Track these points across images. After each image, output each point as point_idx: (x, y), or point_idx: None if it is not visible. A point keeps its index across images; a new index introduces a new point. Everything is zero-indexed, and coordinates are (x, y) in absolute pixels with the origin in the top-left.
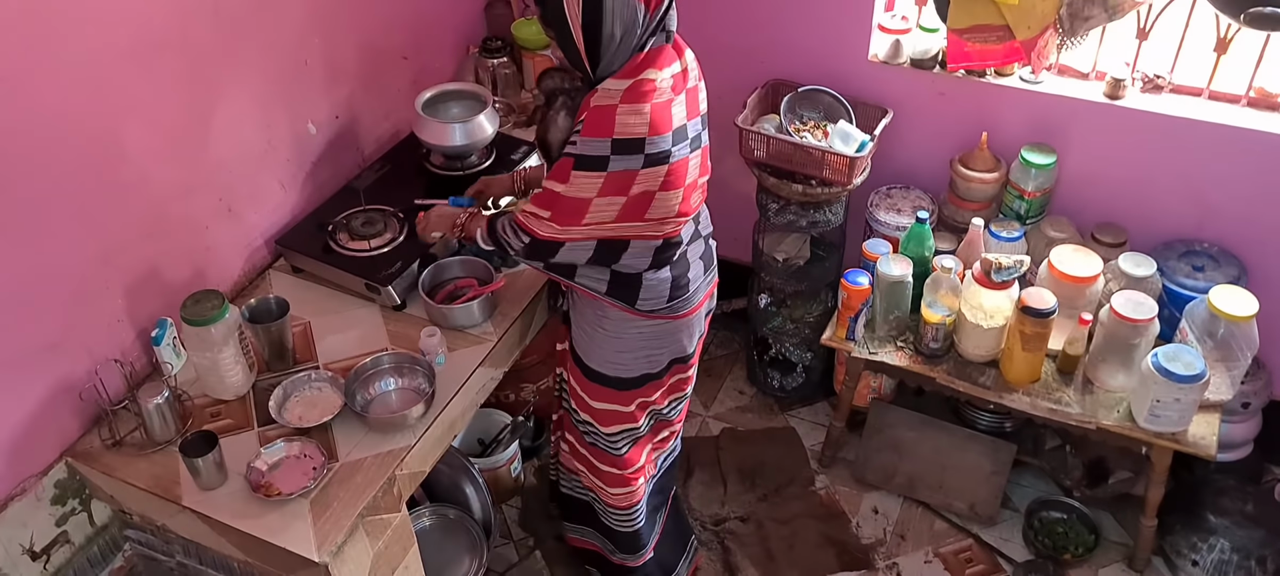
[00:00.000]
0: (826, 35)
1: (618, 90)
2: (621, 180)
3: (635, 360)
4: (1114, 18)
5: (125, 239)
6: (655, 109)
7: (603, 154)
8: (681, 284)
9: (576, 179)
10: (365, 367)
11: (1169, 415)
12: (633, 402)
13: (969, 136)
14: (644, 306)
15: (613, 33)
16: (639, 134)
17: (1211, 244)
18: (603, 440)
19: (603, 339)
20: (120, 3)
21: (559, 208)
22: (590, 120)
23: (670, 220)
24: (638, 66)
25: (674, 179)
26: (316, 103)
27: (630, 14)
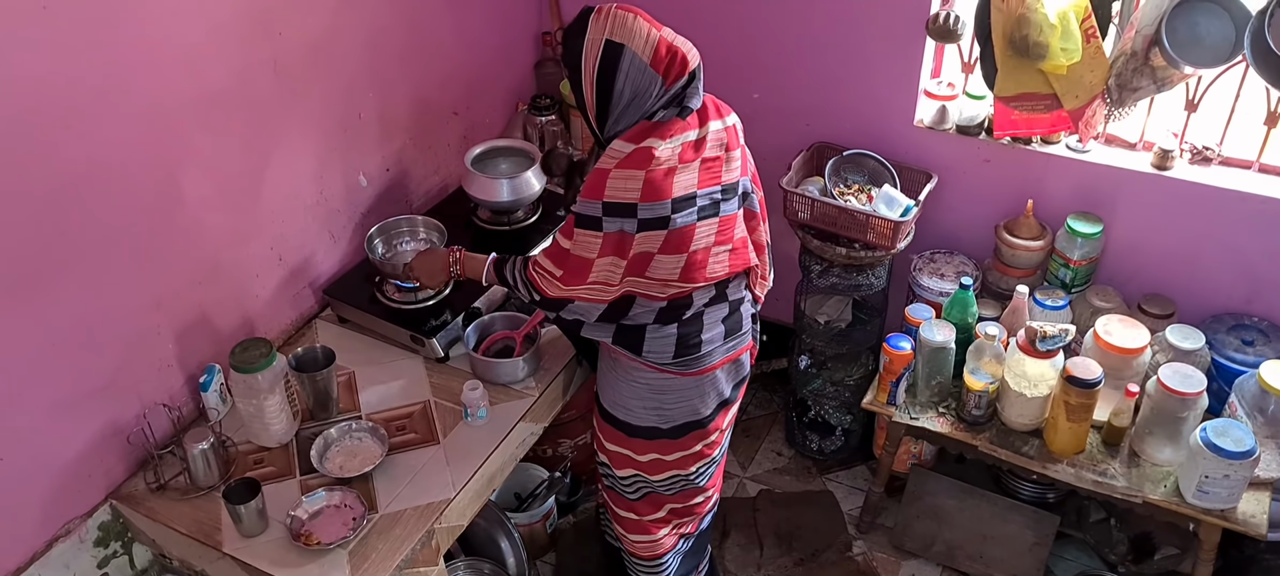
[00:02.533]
0: (872, 100)
1: (618, 154)
2: (619, 242)
3: (644, 410)
4: (1162, 89)
5: (178, 285)
6: (652, 176)
7: (595, 215)
8: (690, 343)
9: (579, 237)
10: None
11: (1218, 491)
12: (645, 453)
13: (1014, 203)
14: (650, 358)
15: (622, 92)
16: (629, 199)
17: (1261, 318)
18: (617, 483)
19: (615, 381)
20: (186, 56)
21: (568, 265)
22: (588, 181)
23: (674, 282)
24: (642, 132)
25: (676, 243)
26: (369, 155)
27: (644, 82)
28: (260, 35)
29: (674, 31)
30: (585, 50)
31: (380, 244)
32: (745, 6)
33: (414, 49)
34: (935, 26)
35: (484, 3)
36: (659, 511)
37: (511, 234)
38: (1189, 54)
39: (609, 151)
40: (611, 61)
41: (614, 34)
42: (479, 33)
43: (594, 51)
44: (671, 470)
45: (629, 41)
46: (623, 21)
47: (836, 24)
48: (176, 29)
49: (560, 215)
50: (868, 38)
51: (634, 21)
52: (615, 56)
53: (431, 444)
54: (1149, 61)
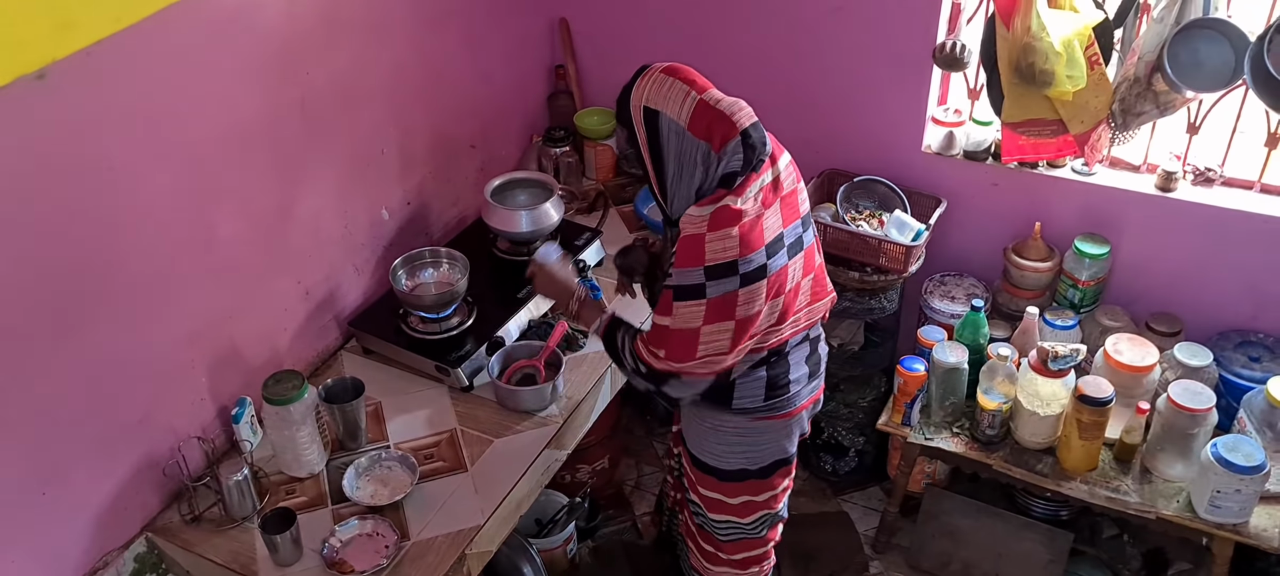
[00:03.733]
0: (882, 127)
1: (703, 217)
2: (724, 304)
3: (733, 454)
4: (1165, 113)
5: (211, 320)
6: (743, 229)
7: (698, 282)
8: (780, 385)
9: (679, 310)
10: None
11: (1230, 506)
12: (737, 496)
13: (1022, 226)
14: (739, 406)
15: (670, 159)
16: (730, 258)
17: (1267, 334)
18: (711, 524)
19: (703, 431)
20: (219, 99)
21: (671, 343)
22: (681, 251)
23: (774, 330)
24: (718, 195)
25: (775, 289)
26: (390, 189)
27: (686, 148)
28: (289, 76)
29: (721, 91)
30: (632, 114)
31: (404, 276)
32: (756, 37)
33: (432, 85)
34: (942, 55)
35: (498, 38)
36: (743, 554)
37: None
38: (1190, 79)
39: (689, 218)
40: (653, 127)
41: (650, 100)
42: (494, 68)
43: (638, 117)
44: (761, 510)
45: (664, 107)
46: (660, 85)
47: (845, 54)
48: (211, 74)
49: (577, 244)
50: (876, 67)
51: (671, 85)
52: (654, 122)
53: (460, 471)
54: (1151, 86)
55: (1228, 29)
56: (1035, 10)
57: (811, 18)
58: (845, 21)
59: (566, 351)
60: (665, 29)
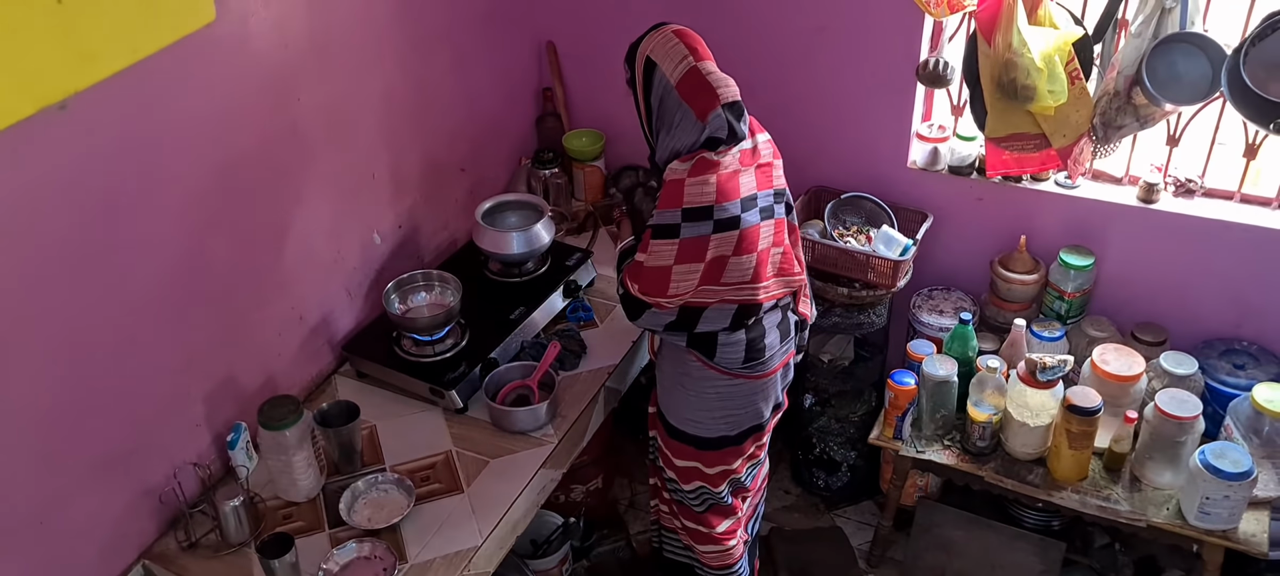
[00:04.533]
0: (867, 144)
1: (685, 167)
2: (695, 246)
3: (714, 421)
4: (1145, 126)
5: (206, 348)
6: (721, 178)
7: (674, 222)
8: (757, 348)
9: (654, 248)
10: None
11: (1219, 512)
12: (714, 465)
13: (1008, 239)
14: (722, 363)
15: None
16: (706, 202)
17: (1251, 342)
18: (683, 496)
19: (683, 397)
20: (214, 127)
21: (644, 277)
22: (663, 194)
23: (746, 286)
24: (701, 153)
25: (746, 244)
26: (382, 214)
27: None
28: (281, 102)
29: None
30: (636, 63)
31: (397, 299)
32: (742, 56)
33: (422, 110)
34: (925, 72)
35: (486, 62)
36: (722, 525)
37: (523, 285)
38: (1169, 92)
39: (671, 170)
40: (649, 77)
41: (653, 52)
42: (483, 91)
43: (640, 65)
44: (732, 476)
45: (661, 62)
46: (664, 42)
47: (830, 72)
48: (206, 101)
49: (569, 265)
50: (860, 85)
51: (674, 46)
52: (650, 73)
53: (456, 493)
54: (1131, 100)
55: (1204, 43)
56: (1016, 27)
57: (796, 37)
58: (829, 40)
59: (560, 371)
60: None
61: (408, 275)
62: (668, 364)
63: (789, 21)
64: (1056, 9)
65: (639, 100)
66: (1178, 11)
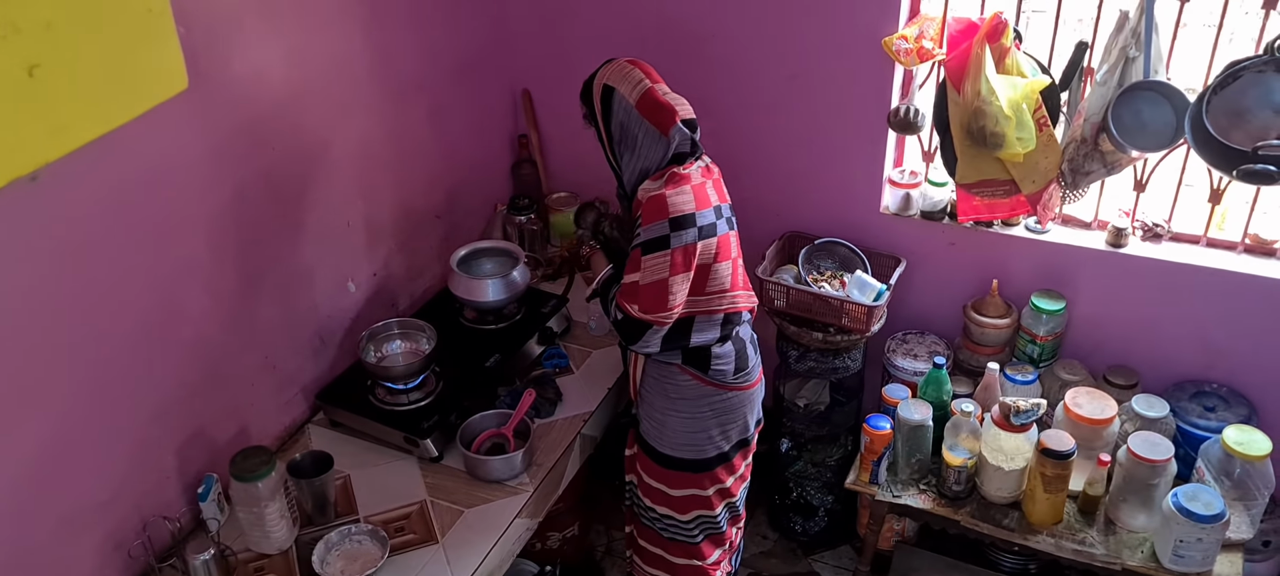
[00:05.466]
0: (840, 190)
1: (659, 184)
2: (686, 255)
3: (709, 438)
4: (1113, 172)
5: (177, 398)
6: (694, 189)
7: (664, 233)
8: (744, 357)
9: (647, 263)
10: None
11: (1193, 555)
12: (710, 487)
13: (980, 284)
14: (716, 370)
15: (617, 131)
16: (690, 209)
17: (1221, 385)
18: (681, 531)
19: (678, 421)
20: (187, 176)
21: (642, 296)
22: (646, 210)
23: (727, 294)
24: (669, 169)
25: (722, 252)
26: (357, 262)
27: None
28: (254, 151)
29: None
30: (594, 92)
31: (371, 347)
32: (714, 103)
33: (398, 159)
34: (896, 120)
35: (462, 111)
36: (714, 554)
37: (499, 333)
38: (1134, 139)
39: (645, 189)
40: (607, 102)
41: (610, 78)
42: (458, 139)
43: (598, 93)
44: (728, 499)
45: (619, 86)
46: (618, 69)
47: (803, 119)
48: (178, 150)
49: (545, 311)
50: (833, 131)
51: (629, 71)
52: (609, 99)
53: (431, 543)
54: (1098, 147)
55: (1168, 91)
56: (984, 75)
57: (769, 85)
58: (802, 88)
59: (535, 418)
60: None
61: (382, 323)
62: (658, 393)
63: (762, 70)
64: (1024, 58)
65: (600, 129)
66: (1141, 61)
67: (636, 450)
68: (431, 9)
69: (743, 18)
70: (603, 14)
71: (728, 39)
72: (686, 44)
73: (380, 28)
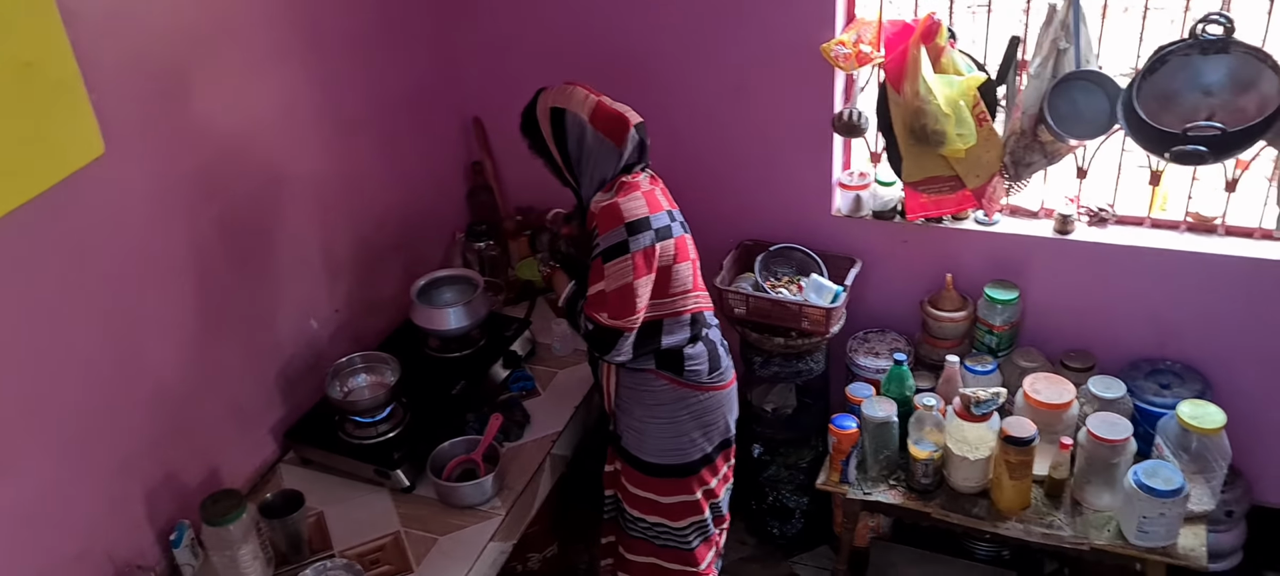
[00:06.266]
0: (792, 195)
1: (611, 193)
2: (646, 257)
3: (692, 443)
4: (1053, 161)
5: (144, 447)
6: (645, 194)
7: (622, 239)
8: (717, 356)
9: (610, 270)
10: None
11: (1156, 530)
12: (697, 490)
13: (935, 279)
14: (691, 370)
15: (575, 150)
16: (642, 214)
17: (1174, 361)
18: (675, 538)
19: (659, 428)
20: (140, 223)
21: (610, 303)
22: (601, 220)
23: (691, 294)
24: (619, 179)
25: (680, 252)
26: (317, 299)
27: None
28: (207, 196)
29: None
30: (539, 121)
31: (337, 383)
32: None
33: (352, 194)
34: (841, 123)
35: (414, 142)
36: (707, 557)
37: (463, 360)
38: (1071, 128)
39: (598, 201)
40: (558, 124)
41: (556, 101)
42: (412, 170)
43: (545, 120)
44: (713, 500)
45: (568, 106)
46: (562, 91)
47: (751, 129)
48: (130, 199)
49: (507, 335)
50: (781, 139)
51: (573, 91)
52: (560, 119)
53: (407, 573)
54: (1038, 137)
55: (1100, 79)
56: (921, 75)
57: (714, 99)
58: (747, 99)
59: (504, 442)
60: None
61: (346, 358)
62: (635, 403)
63: (706, 84)
64: (959, 56)
65: (553, 152)
66: (1073, 51)
67: (619, 465)
68: (376, 43)
69: (684, 35)
70: (547, 39)
71: (670, 57)
72: (630, 64)
73: (324, 65)
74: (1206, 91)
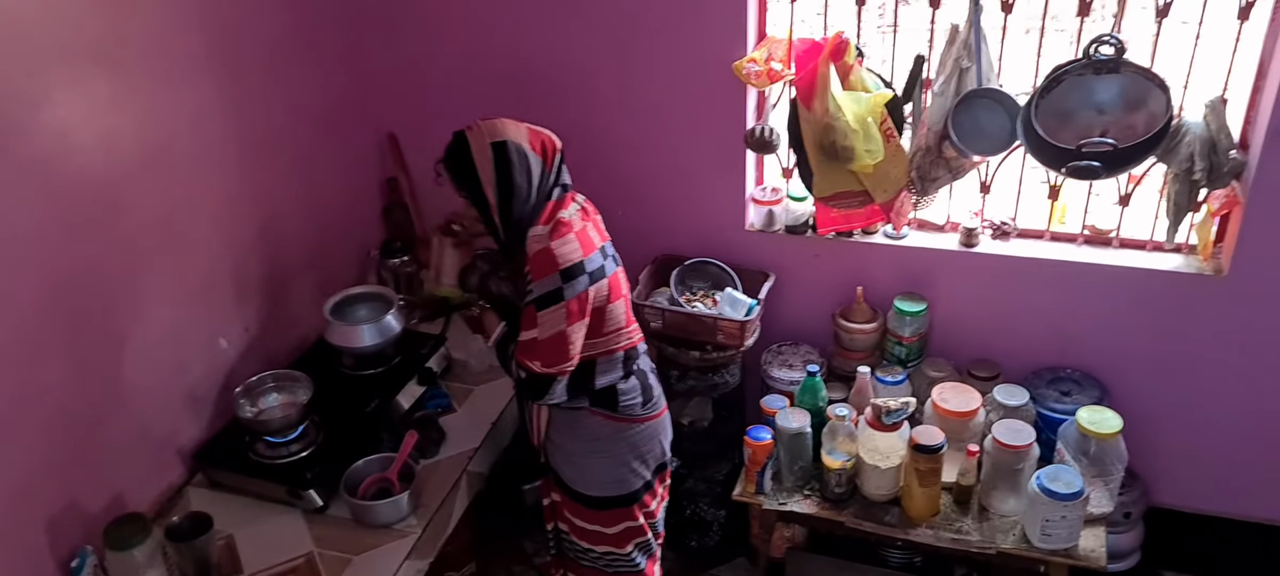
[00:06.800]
0: (706, 210)
1: (544, 234)
2: (580, 303)
3: (632, 472)
4: (958, 176)
5: (41, 474)
6: (579, 234)
7: (556, 287)
8: (649, 387)
9: (543, 318)
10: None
11: (1059, 532)
12: (639, 515)
13: (846, 292)
14: (625, 411)
15: (521, 183)
16: (577, 258)
17: (1074, 369)
18: (624, 563)
19: (598, 463)
20: (35, 245)
21: (543, 352)
22: (535, 265)
23: (623, 331)
24: (550, 213)
25: (613, 291)
26: (227, 318)
27: (533, 167)
28: (109, 215)
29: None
30: (476, 161)
31: (247, 402)
32: (580, 137)
33: (264, 211)
34: (753, 139)
35: (327, 159)
36: (655, 571)
37: (378, 377)
38: (974, 144)
39: (533, 238)
40: (503, 159)
41: (494, 136)
42: (326, 187)
43: (485, 158)
44: (651, 519)
45: (508, 137)
46: (495, 126)
47: (665, 146)
48: (23, 219)
49: (423, 353)
50: (695, 155)
51: (503, 123)
52: (504, 153)
53: None
54: (942, 154)
55: (1001, 97)
56: (830, 93)
57: (628, 116)
58: (662, 116)
59: (420, 460)
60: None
61: (257, 377)
62: (571, 439)
63: (620, 102)
64: (867, 74)
65: (491, 190)
66: (975, 70)
67: (558, 497)
68: (288, 60)
69: (599, 53)
70: (462, 56)
71: (586, 73)
72: (546, 81)
73: (235, 82)
74: (1100, 109)
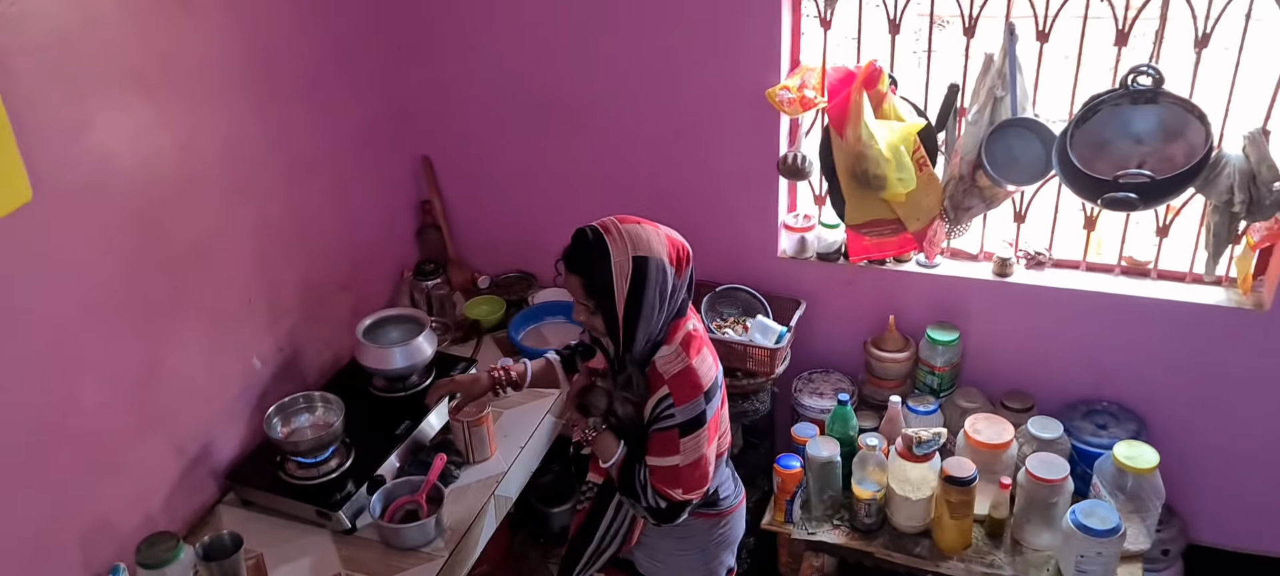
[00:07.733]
0: (738, 237)
1: (676, 352)
2: (716, 422)
3: (721, 564)
4: (992, 206)
5: (78, 491)
6: (709, 348)
7: (701, 410)
8: (734, 476)
9: (686, 444)
10: None
11: (1094, 569)
12: None
13: (878, 320)
14: (723, 495)
15: (652, 302)
16: (713, 376)
17: (1110, 402)
18: None
19: (687, 558)
20: (77, 266)
21: (685, 478)
22: (676, 388)
23: (726, 433)
24: (678, 327)
25: (723, 393)
26: (261, 339)
27: (667, 285)
28: (148, 237)
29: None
30: (615, 275)
31: (279, 423)
32: (608, 164)
33: (299, 233)
34: (785, 166)
35: (364, 183)
36: None
37: (408, 399)
38: (1008, 174)
39: (664, 358)
40: (640, 276)
41: (637, 249)
42: (360, 209)
43: (624, 273)
44: None
45: (650, 252)
46: (637, 235)
47: (699, 171)
48: (66, 241)
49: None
50: (727, 181)
51: (644, 230)
52: (643, 270)
53: None
54: (976, 183)
55: (1036, 127)
56: (863, 121)
57: (663, 141)
58: (695, 142)
59: (447, 483)
60: (523, 160)
61: (289, 398)
62: (663, 537)
63: (655, 126)
64: (900, 102)
65: (621, 305)
66: (1009, 99)
67: None
68: (326, 83)
69: (633, 78)
70: (494, 81)
71: (620, 98)
72: (580, 105)
73: (273, 106)
74: (1137, 140)
